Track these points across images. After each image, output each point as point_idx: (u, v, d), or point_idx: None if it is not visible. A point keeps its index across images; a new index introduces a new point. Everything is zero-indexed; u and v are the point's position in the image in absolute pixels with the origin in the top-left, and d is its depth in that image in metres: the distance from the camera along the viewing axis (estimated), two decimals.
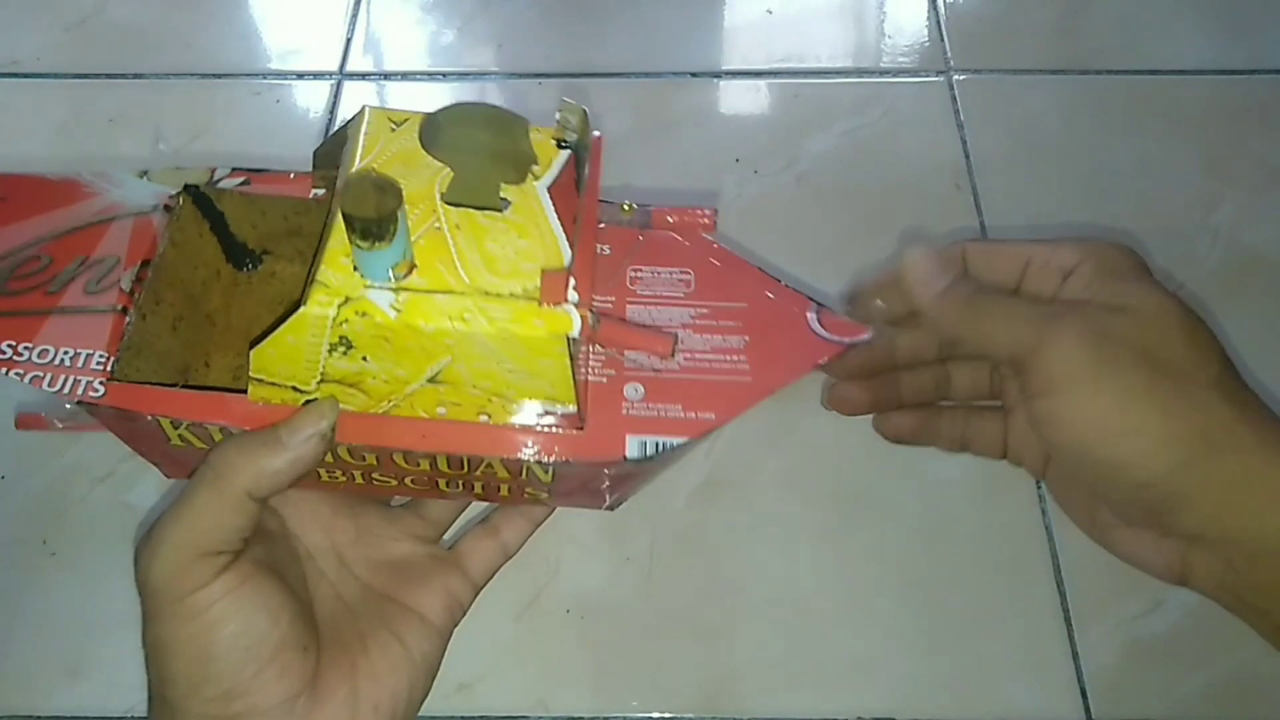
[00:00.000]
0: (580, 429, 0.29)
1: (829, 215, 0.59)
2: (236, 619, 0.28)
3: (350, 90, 0.65)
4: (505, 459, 0.29)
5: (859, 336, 0.31)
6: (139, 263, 0.30)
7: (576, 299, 0.26)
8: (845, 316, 0.32)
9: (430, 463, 0.29)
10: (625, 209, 0.32)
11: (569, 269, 0.27)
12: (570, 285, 0.26)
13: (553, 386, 0.28)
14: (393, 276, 0.26)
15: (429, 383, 0.28)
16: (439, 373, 0.27)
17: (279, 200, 0.33)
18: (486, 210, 0.28)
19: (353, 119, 0.31)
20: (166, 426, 0.29)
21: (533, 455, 0.28)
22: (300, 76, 0.66)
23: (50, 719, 0.44)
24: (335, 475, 0.31)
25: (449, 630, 0.34)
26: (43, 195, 0.31)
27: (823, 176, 0.61)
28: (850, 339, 0.31)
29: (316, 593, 0.32)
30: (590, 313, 0.27)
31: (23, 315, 0.29)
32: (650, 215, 0.32)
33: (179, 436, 0.29)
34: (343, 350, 0.27)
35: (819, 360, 0.31)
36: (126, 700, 0.45)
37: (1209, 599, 0.28)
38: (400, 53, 0.68)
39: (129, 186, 0.31)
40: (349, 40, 0.68)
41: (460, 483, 0.31)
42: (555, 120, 0.30)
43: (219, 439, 0.29)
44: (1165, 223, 0.59)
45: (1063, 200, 0.60)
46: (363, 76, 0.66)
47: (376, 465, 0.30)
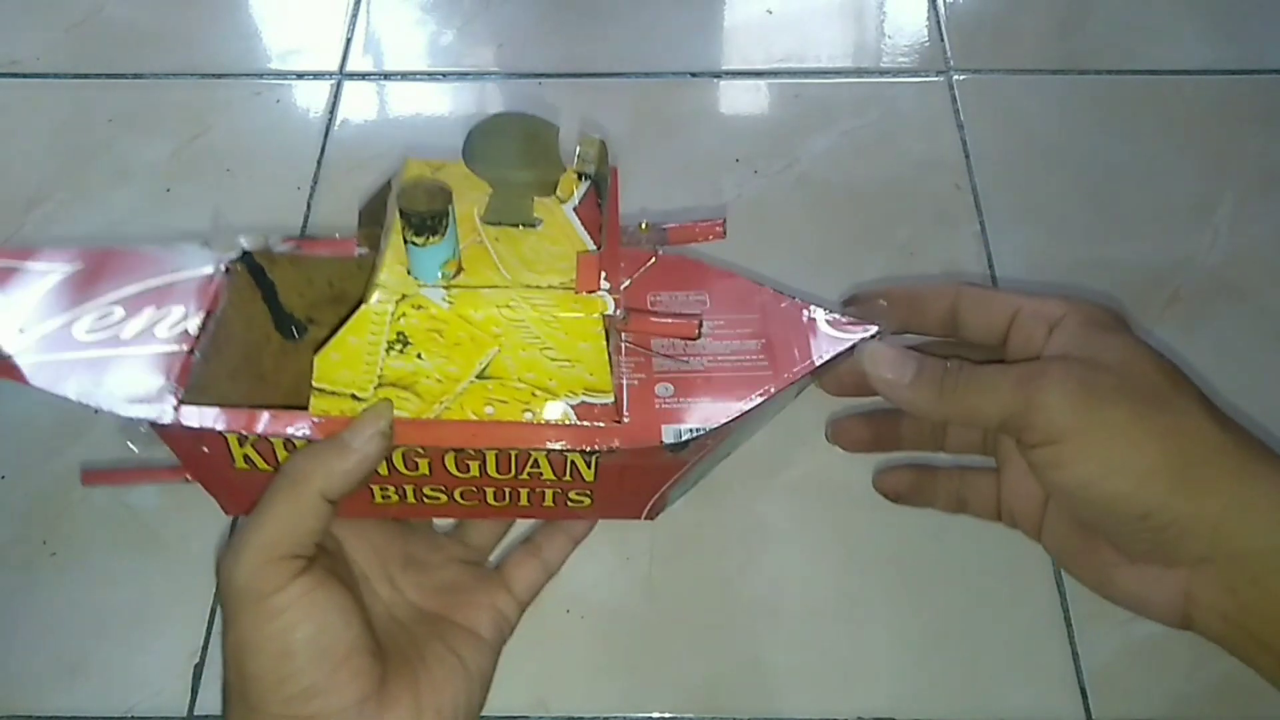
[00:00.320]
0: (619, 421, 0.31)
1: (829, 215, 0.59)
2: (313, 619, 0.29)
3: (350, 90, 0.65)
4: (550, 453, 0.31)
5: (867, 332, 0.33)
6: (205, 312, 0.33)
7: (608, 285, 0.30)
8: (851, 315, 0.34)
9: (480, 466, 0.32)
10: (642, 228, 0.35)
11: (599, 258, 0.30)
12: (602, 274, 0.30)
13: (591, 374, 0.30)
14: (443, 275, 0.30)
15: (477, 379, 0.30)
16: (487, 366, 0.30)
17: (324, 263, 0.36)
18: (522, 226, 0.32)
19: (395, 174, 0.34)
20: (233, 444, 0.31)
21: (575, 447, 0.31)
22: (300, 76, 0.66)
23: (50, 719, 0.45)
24: (389, 493, 0.33)
25: (499, 646, 0.36)
26: (119, 266, 0.34)
27: (823, 176, 0.61)
28: (859, 335, 0.33)
29: (373, 611, 0.34)
30: (618, 305, 0.30)
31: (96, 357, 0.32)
32: (666, 234, 0.35)
33: (244, 457, 0.32)
34: (399, 348, 0.30)
35: (833, 350, 0.33)
36: (126, 700, 0.45)
37: (1214, 642, 0.29)
38: (400, 53, 0.68)
39: (190, 254, 0.35)
40: (349, 40, 0.68)
41: (508, 493, 0.34)
42: (575, 154, 0.33)
43: (283, 458, 0.31)
44: (1165, 223, 0.59)
45: (1063, 200, 0.60)
46: (363, 76, 0.66)
47: (429, 474, 0.32)
